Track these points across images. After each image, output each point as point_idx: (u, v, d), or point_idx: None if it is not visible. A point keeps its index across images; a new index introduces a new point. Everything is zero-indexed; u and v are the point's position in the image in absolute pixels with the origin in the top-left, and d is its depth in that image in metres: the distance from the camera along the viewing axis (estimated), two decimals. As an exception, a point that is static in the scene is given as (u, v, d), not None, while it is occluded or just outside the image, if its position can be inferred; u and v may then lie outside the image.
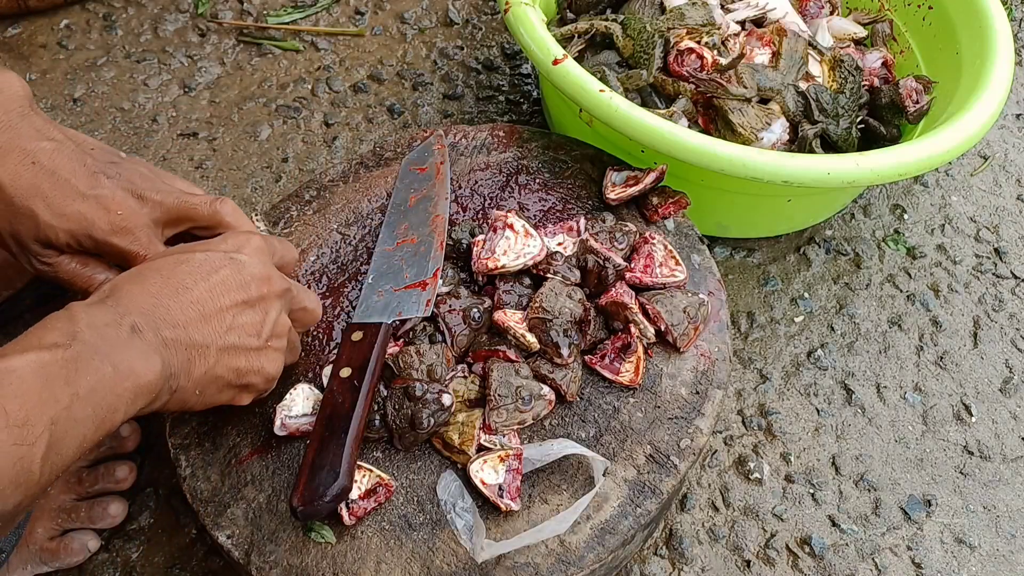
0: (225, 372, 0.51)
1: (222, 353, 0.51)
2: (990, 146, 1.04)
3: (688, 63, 0.81)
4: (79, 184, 0.56)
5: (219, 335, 0.50)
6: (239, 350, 0.52)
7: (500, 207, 0.73)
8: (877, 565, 0.73)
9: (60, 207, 0.56)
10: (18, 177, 0.55)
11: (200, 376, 0.50)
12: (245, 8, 1.09)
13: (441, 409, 0.57)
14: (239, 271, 0.52)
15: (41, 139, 0.56)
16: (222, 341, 0.50)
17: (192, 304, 0.49)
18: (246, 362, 0.52)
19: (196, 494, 0.58)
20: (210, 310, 0.50)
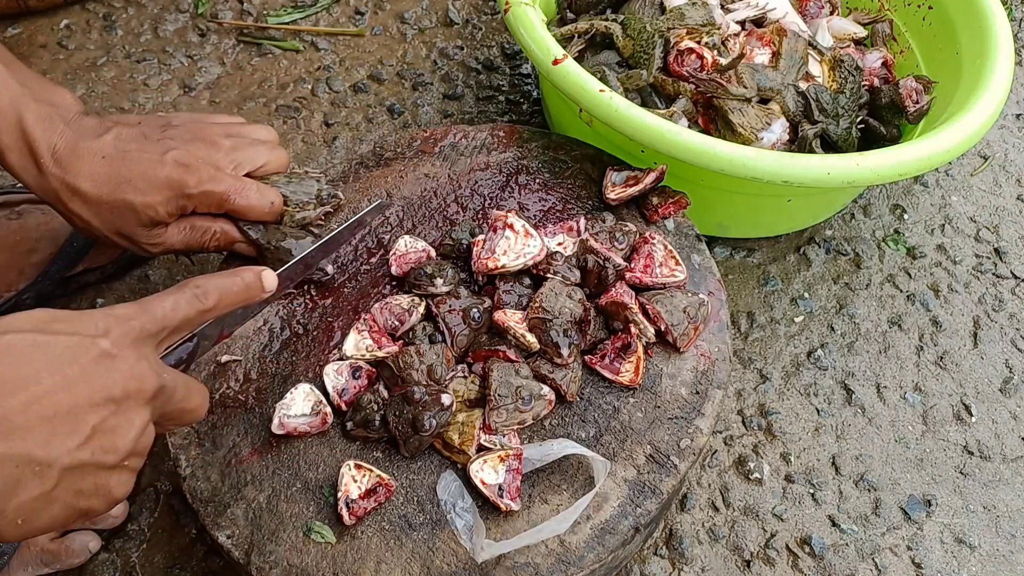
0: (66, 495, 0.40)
1: (66, 474, 0.39)
2: (990, 146, 1.04)
3: (688, 63, 0.81)
4: (151, 153, 0.59)
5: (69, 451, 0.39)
6: (89, 468, 0.41)
7: (500, 207, 0.73)
8: (877, 565, 0.73)
9: (146, 183, 0.59)
10: (96, 177, 0.58)
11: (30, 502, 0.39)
12: (245, 8, 1.09)
13: (442, 410, 0.57)
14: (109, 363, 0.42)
15: (99, 134, 0.59)
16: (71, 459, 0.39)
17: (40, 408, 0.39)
18: (93, 483, 0.41)
19: (196, 494, 0.58)
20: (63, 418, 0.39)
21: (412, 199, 0.74)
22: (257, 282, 0.55)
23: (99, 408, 0.41)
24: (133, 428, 0.42)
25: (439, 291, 0.65)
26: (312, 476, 0.59)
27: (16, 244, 0.76)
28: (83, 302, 0.83)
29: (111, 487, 0.42)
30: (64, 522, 0.41)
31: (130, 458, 0.43)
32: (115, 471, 0.42)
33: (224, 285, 0.52)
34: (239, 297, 0.53)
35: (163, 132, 0.61)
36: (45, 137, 0.57)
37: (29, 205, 0.78)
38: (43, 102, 0.58)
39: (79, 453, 0.40)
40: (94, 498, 0.42)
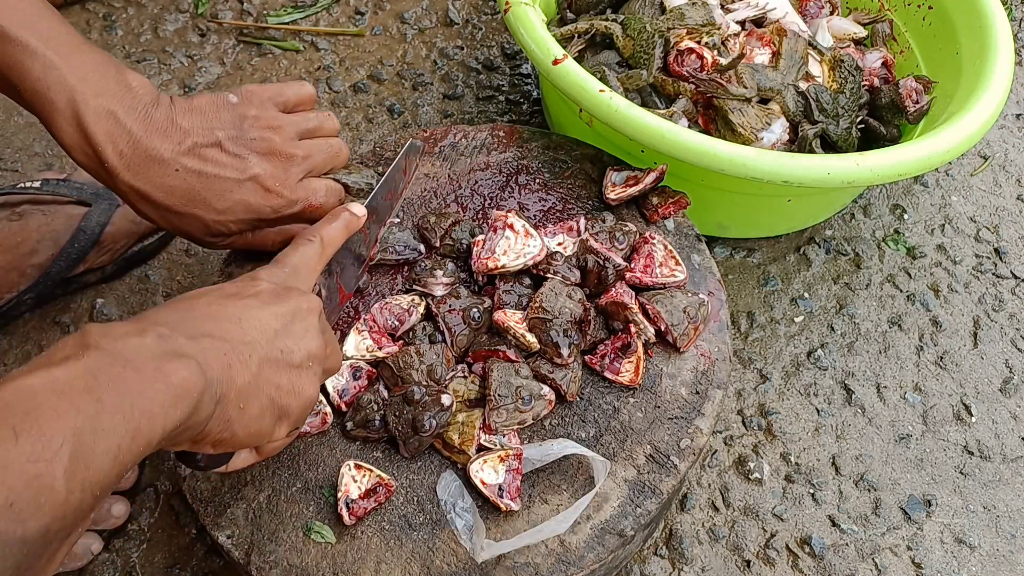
0: (267, 387, 0.47)
1: (264, 364, 0.46)
2: (990, 146, 1.04)
3: (688, 63, 0.81)
4: (229, 174, 0.58)
5: (261, 345, 0.46)
6: (281, 364, 0.47)
7: (500, 207, 0.73)
8: (877, 565, 0.73)
9: (221, 204, 0.58)
10: (169, 189, 0.56)
11: (243, 386, 0.45)
12: (245, 8, 1.09)
13: (442, 410, 0.57)
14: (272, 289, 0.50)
15: (172, 138, 0.56)
16: (264, 351, 0.46)
17: (229, 319, 0.46)
18: (288, 379, 0.48)
19: (196, 494, 0.58)
20: (250, 323, 0.47)
21: (412, 199, 0.74)
22: (350, 214, 0.60)
23: (278, 317, 0.48)
24: (309, 332, 0.50)
25: (438, 283, 0.65)
26: (312, 476, 0.59)
27: (17, 245, 0.76)
28: (83, 302, 0.83)
29: (303, 385, 0.49)
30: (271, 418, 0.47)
31: (311, 360, 0.50)
32: (302, 371, 0.49)
33: (327, 226, 0.58)
34: (340, 228, 0.59)
35: (239, 140, 0.58)
36: (108, 139, 0.54)
37: (30, 206, 0.78)
38: (105, 95, 0.54)
39: (269, 348, 0.47)
40: (291, 396, 0.48)
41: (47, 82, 0.52)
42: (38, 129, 0.96)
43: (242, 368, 0.45)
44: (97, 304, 0.83)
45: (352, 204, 0.61)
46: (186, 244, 0.88)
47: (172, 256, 0.87)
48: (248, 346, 0.46)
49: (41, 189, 0.78)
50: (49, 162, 0.93)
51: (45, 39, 0.52)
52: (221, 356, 0.44)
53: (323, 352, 0.51)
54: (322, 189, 0.63)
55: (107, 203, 0.80)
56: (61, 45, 0.53)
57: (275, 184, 0.59)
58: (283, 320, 0.48)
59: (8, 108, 0.98)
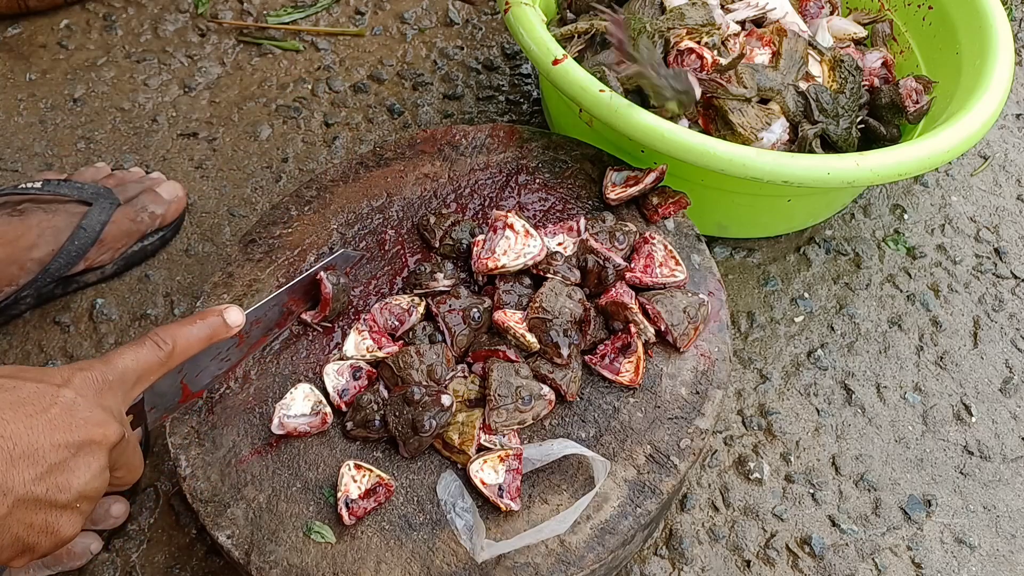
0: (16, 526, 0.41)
1: (20, 505, 0.41)
2: (990, 146, 1.04)
3: (688, 63, 0.81)
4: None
5: (25, 483, 0.41)
6: (41, 503, 0.42)
7: (500, 207, 0.73)
8: (877, 565, 0.73)
9: None
10: None
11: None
12: (245, 8, 1.09)
13: (442, 410, 0.57)
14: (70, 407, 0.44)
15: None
16: (25, 490, 0.41)
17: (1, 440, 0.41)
18: (44, 519, 0.42)
19: (196, 494, 0.58)
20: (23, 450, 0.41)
21: (412, 199, 0.74)
22: (220, 321, 0.54)
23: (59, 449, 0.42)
24: (89, 471, 0.44)
25: (440, 286, 0.65)
26: (312, 476, 0.59)
27: (17, 239, 0.76)
28: (83, 301, 0.83)
29: (60, 526, 0.43)
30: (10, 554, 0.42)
31: (81, 501, 0.44)
32: (66, 511, 0.43)
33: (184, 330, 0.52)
34: (203, 339, 0.53)
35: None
36: None
37: (31, 204, 0.78)
38: None
39: (34, 487, 0.41)
40: (42, 535, 0.43)
41: None
42: (38, 129, 0.96)
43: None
44: (97, 304, 0.83)
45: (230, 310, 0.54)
46: (186, 244, 0.88)
47: (172, 256, 0.87)
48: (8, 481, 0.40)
49: (42, 189, 0.78)
50: (49, 162, 0.93)
51: None
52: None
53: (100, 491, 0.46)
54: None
55: (108, 202, 0.80)
56: None
57: None
58: (64, 454, 0.43)
59: (8, 108, 0.98)
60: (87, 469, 0.44)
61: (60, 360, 0.80)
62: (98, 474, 0.45)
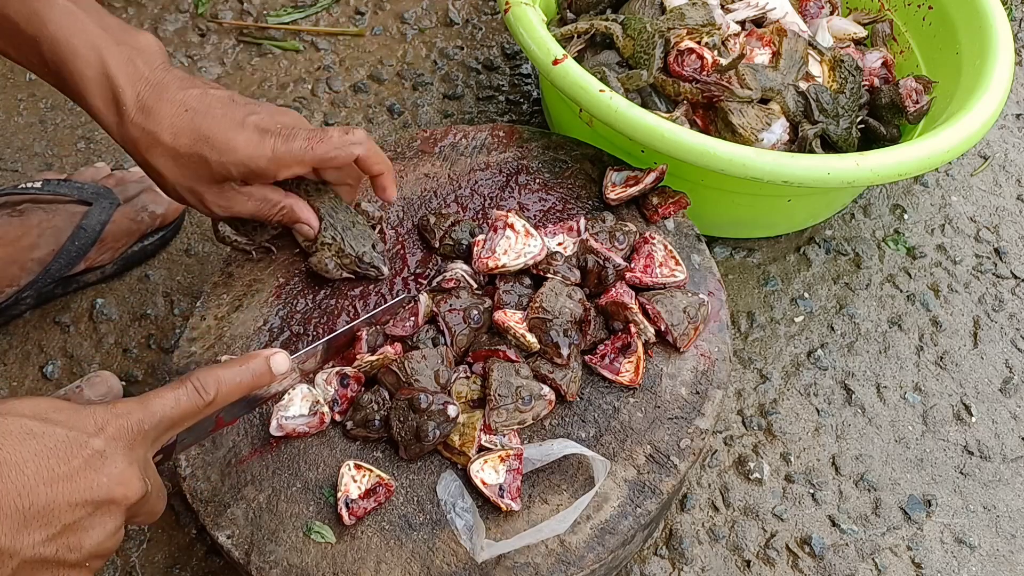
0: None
1: (25, 566, 0.39)
2: (990, 146, 1.04)
3: (688, 63, 0.81)
4: (235, 115, 0.58)
5: (35, 544, 0.39)
6: (50, 563, 0.40)
7: (500, 207, 0.73)
8: (877, 565, 0.73)
9: (224, 142, 0.57)
10: (177, 129, 0.56)
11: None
12: (245, 8, 1.09)
13: (447, 421, 0.57)
14: (98, 464, 0.41)
15: (187, 87, 0.57)
16: (34, 552, 0.39)
17: (18, 494, 0.38)
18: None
19: (196, 494, 0.58)
20: (39, 510, 0.39)
21: (412, 199, 0.74)
22: (265, 367, 0.51)
23: (76, 508, 0.40)
24: (104, 531, 0.42)
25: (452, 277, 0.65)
26: (312, 476, 0.59)
27: (17, 239, 0.76)
28: (83, 302, 0.83)
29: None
30: None
31: (92, 560, 0.42)
32: (74, 570, 0.41)
33: (227, 376, 0.49)
34: (245, 386, 0.50)
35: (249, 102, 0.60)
36: (130, 84, 0.55)
37: (31, 204, 0.78)
38: (126, 45, 0.56)
39: (43, 548, 0.39)
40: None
41: (70, 29, 0.53)
42: (38, 129, 0.96)
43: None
44: (97, 304, 0.83)
45: (276, 356, 0.51)
46: (186, 244, 0.88)
47: (172, 256, 0.87)
48: (16, 544, 0.38)
49: (42, 189, 0.78)
50: (49, 162, 0.93)
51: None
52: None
53: (111, 550, 0.43)
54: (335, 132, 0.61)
55: (108, 202, 0.80)
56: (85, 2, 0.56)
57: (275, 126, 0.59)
58: (80, 513, 0.40)
59: (8, 108, 0.98)
60: (102, 529, 0.42)
61: (60, 360, 0.80)
62: (112, 534, 0.43)
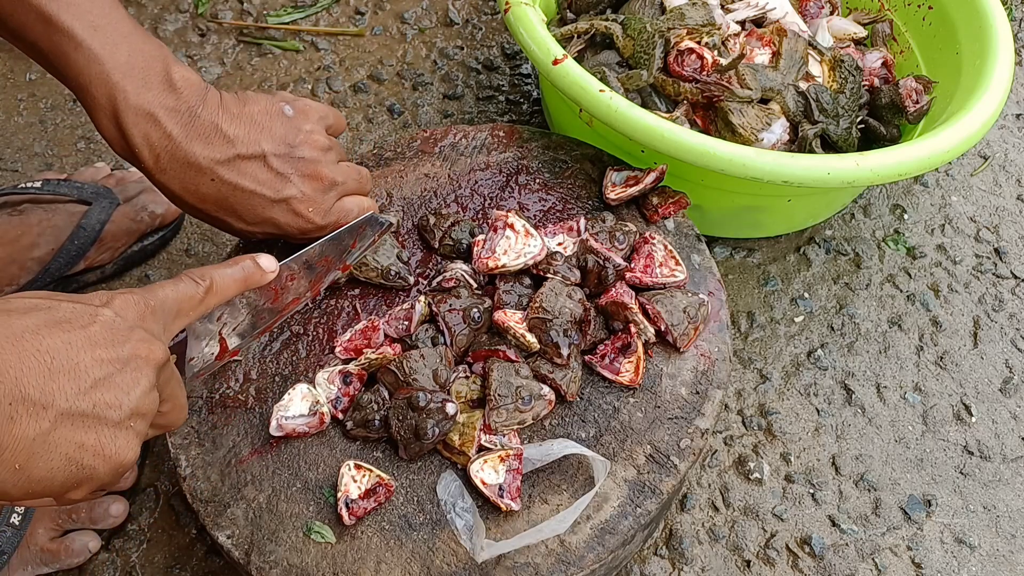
0: (64, 445, 0.39)
1: (64, 419, 0.38)
2: (990, 146, 1.04)
3: (688, 63, 0.81)
4: (265, 191, 0.57)
5: (67, 396, 0.38)
6: (89, 420, 0.39)
7: (500, 207, 0.73)
8: (877, 565, 0.73)
9: (250, 217, 0.57)
10: (201, 196, 0.56)
11: (26, 442, 0.37)
12: (245, 8, 1.09)
13: (446, 419, 0.57)
14: (112, 325, 0.42)
15: (215, 145, 0.54)
16: (68, 405, 0.38)
17: (37, 354, 0.38)
18: (95, 439, 0.40)
19: (196, 494, 0.58)
20: (62, 364, 0.39)
21: (412, 199, 0.74)
22: (253, 265, 0.54)
23: (103, 364, 0.40)
24: (138, 387, 0.42)
25: (452, 275, 0.65)
26: (312, 476, 0.59)
27: (17, 239, 0.76)
28: (83, 302, 0.83)
29: (116, 447, 0.41)
30: (65, 479, 0.40)
31: (134, 418, 0.42)
32: (119, 430, 0.41)
33: (219, 270, 0.52)
34: (239, 280, 0.53)
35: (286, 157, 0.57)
36: (145, 142, 0.52)
37: (31, 204, 0.78)
38: (147, 93, 0.52)
39: (79, 401, 0.39)
40: (97, 457, 0.40)
41: (89, 76, 0.51)
42: (38, 129, 0.96)
43: (29, 422, 0.37)
44: (97, 304, 0.83)
45: (262, 256, 0.55)
46: (186, 244, 0.88)
47: (172, 255, 0.87)
48: (47, 395, 0.38)
49: (42, 189, 0.78)
50: (49, 162, 0.93)
51: (92, 28, 0.50)
52: (5, 407, 0.37)
53: (152, 409, 0.43)
54: (355, 210, 0.62)
55: (108, 202, 0.80)
56: (108, 35, 0.51)
57: (308, 209, 0.59)
58: (108, 368, 0.40)
59: (8, 108, 0.98)
60: (136, 385, 0.42)
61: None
62: (148, 391, 0.42)
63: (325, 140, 0.60)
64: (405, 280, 0.67)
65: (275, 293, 0.59)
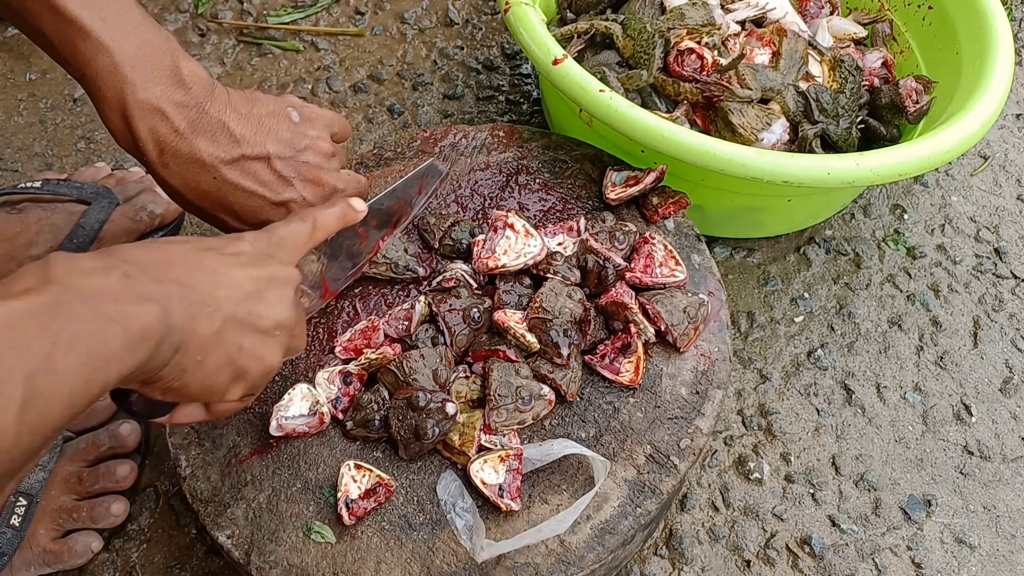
0: (229, 345, 0.45)
1: (229, 322, 0.45)
2: (990, 146, 1.04)
3: (688, 63, 0.81)
4: (266, 193, 0.57)
5: (231, 301, 0.45)
6: (246, 326, 0.46)
7: (500, 207, 0.73)
8: (877, 565, 0.73)
9: (249, 219, 0.58)
10: (202, 193, 0.56)
11: (205, 337, 0.44)
12: (245, 8, 1.09)
13: (445, 419, 0.57)
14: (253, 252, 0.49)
15: (220, 143, 0.54)
16: (231, 309, 0.45)
17: (203, 269, 0.45)
18: (251, 343, 0.47)
19: (196, 494, 0.58)
20: (223, 279, 0.45)
21: (412, 199, 0.74)
22: (348, 206, 0.58)
23: (253, 280, 0.47)
24: (282, 303, 0.48)
25: (452, 275, 0.65)
26: (312, 476, 0.59)
27: (16, 236, 0.76)
28: (83, 302, 0.83)
29: (265, 352, 0.48)
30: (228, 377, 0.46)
31: (280, 330, 0.48)
32: (268, 338, 0.48)
33: (322, 211, 0.56)
34: (336, 216, 0.57)
35: (290, 161, 0.58)
36: (151, 135, 0.52)
37: (31, 203, 0.78)
38: (154, 87, 0.51)
39: (237, 308, 0.45)
40: (251, 359, 0.47)
41: (96, 67, 0.50)
42: (38, 129, 0.96)
43: (206, 321, 0.44)
44: (97, 304, 0.83)
45: (353, 198, 0.59)
46: (186, 244, 0.88)
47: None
48: (216, 300, 0.44)
49: (42, 189, 0.78)
50: (49, 162, 0.93)
51: (101, 18, 0.50)
52: (187, 305, 0.43)
53: (292, 324, 0.50)
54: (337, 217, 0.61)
55: (107, 201, 0.80)
56: (118, 26, 0.50)
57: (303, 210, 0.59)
58: (258, 284, 0.47)
59: (8, 108, 0.98)
60: (280, 300, 0.48)
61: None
62: (290, 306, 0.49)
63: (329, 147, 0.60)
64: (415, 272, 0.67)
65: (361, 237, 0.62)
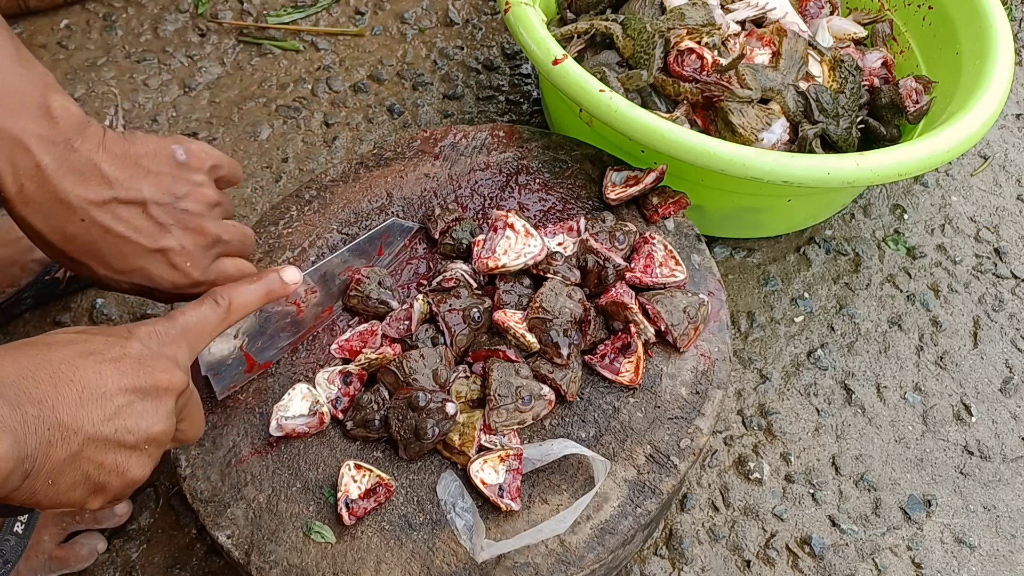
0: (87, 465, 0.43)
1: (90, 443, 0.42)
2: (990, 146, 1.04)
3: (688, 63, 0.81)
4: (141, 240, 0.52)
5: (94, 422, 0.42)
6: (110, 444, 0.43)
7: (500, 207, 0.73)
8: (877, 565, 0.73)
9: (120, 265, 0.52)
10: (67, 236, 0.50)
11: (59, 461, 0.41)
12: (245, 8, 1.09)
13: (446, 419, 0.57)
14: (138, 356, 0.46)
15: (90, 185, 0.49)
16: (95, 430, 0.42)
17: (71, 384, 0.42)
18: (113, 460, 0.44)
19: (196, 494, 0.58)
20: (91, 393, 0.43)
21: (412, 199, 0.74)
22: (277, 279, 0.55)
23: (126, 393, 0.44)
24: (156, 415, 0.45)
25: (452, 276, 0.65)
26: (312, 476, 0.59)
27: (18, 240, 0.76)
28: (83, 302, 0.83)
29: (129, 467, 0.45)
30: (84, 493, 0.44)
31: (150, 444, 0.45)
32: (135, 453, 0.45)
33: (241, 288, 0.53)
34: (259, 295, 0.54)
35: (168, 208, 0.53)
36: (10, 170, 0.47)
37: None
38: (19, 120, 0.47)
39: (103, 427, 0.43)
40: (113, 475, 0.44)
41: None
42: (38, 129, 0.96)
43: (62, 445, 0.41)
44: (97, 304, 0.83)
45: (287, 268, 0.55)
46: (186, 244, 0.88)
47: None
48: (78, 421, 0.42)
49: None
50: (49, 162, 0.93)
51: None
52: (44, 430, 0.40)
53: (167, 435, 0.47)
54: (234, 272, 0.57)
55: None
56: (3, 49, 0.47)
57: (186, 263, 0.54)
58: (130, 397, 0.44)
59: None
60: (154, 413, 0.45)
61: (60, 360, 0.80)
62: (165, 418, 0.46)
63: (214, 195, 0.55)
64: (387, 304, 0.65)
65: (298, 307, 0.60)
